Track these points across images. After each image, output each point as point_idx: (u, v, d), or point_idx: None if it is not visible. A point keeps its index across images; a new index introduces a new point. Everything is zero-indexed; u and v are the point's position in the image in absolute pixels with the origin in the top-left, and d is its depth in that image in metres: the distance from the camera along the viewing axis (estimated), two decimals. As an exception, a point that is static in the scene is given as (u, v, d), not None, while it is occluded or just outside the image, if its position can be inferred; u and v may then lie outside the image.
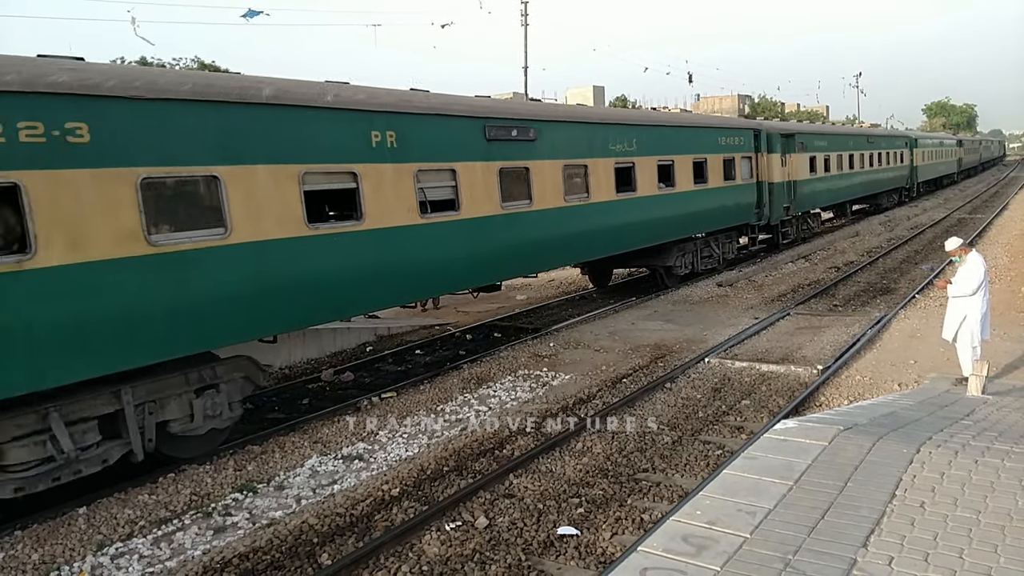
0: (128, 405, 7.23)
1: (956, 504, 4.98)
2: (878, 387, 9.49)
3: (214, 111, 7.76)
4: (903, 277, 18.18)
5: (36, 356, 6.35)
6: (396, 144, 9.76)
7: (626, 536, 6.12)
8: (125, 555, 6.15)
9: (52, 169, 6.43)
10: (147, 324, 7.13)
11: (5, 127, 6.11)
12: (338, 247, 9.01)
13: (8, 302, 6.14)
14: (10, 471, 6.45)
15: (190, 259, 7.47)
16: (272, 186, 8.26)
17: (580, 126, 14.04)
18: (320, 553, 6.12)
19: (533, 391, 10.10)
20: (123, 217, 6.92)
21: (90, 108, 6.69)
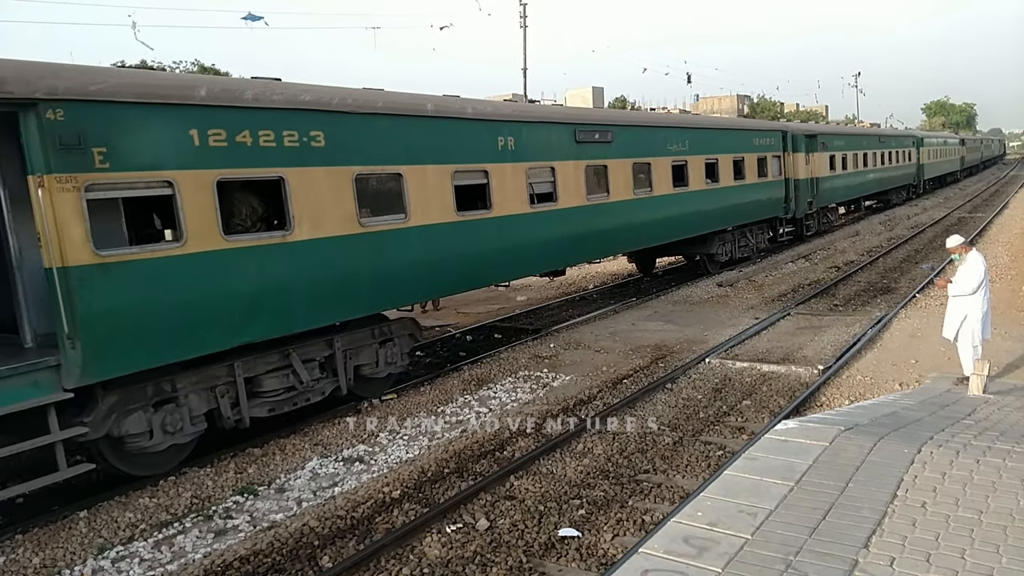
0: (338, 351, 9.38)
1: (958, 504, 4.97)
2: (879, 387, 9.48)
3: (399, 122, 9.93)
4: (903, 276, 18.17)
5: (293, 306, 8.45)
6: (514, 147, 11.94)
7: (627, 537, 6.11)
8: (126, 558, 6.14)
9: (302, 167, 8.54)
10: (356, 286, 9.28)
11: (275, 134, 8.21)
12: (476, 230, 11.24)
13: (278, 265, 8.31)
14: (264, 396, 8.62)
15: (383, 237, 9.65)
16: (436, 181, 10.45)
17: (646, 129, 16.15)
18: (321, 556, 6.11)
19: (534, 392, 10.09)
20: (344, 204, 9.02)
21: (324, 120, 8.79)
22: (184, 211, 7.35)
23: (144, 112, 7.12)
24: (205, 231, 7.57)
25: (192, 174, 7.46)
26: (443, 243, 10.46)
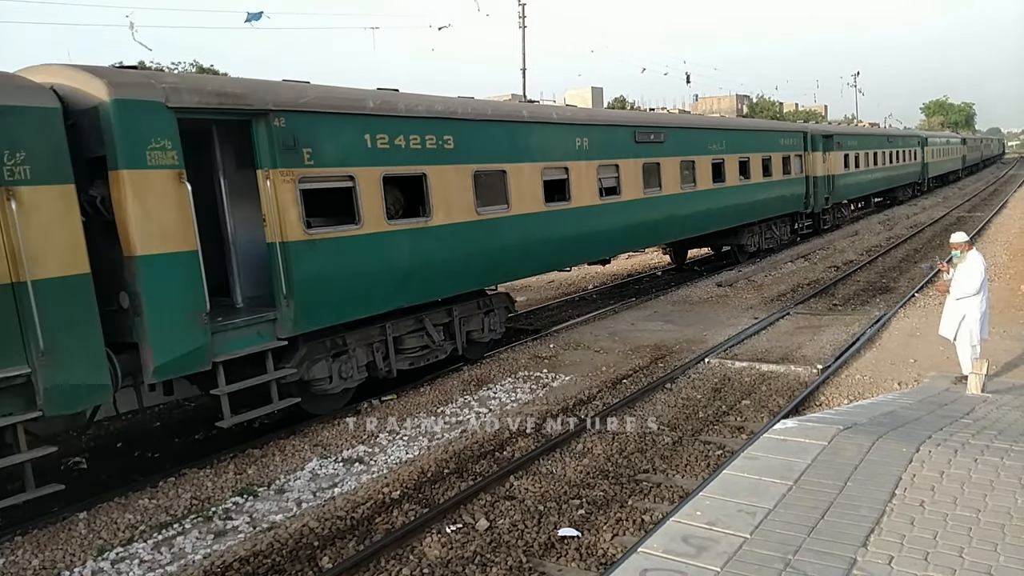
0: (456, 318, 11.31)
1: (956, 503, 4.98)
2: (878, 386, 9.49)
3: (503, 127, 11.88)
4: (902, 276, 18.19)
5: (431, 279, 10.40)
6: (588, 147, 13.71)
7: (627, 537, 6.12)
8: (126, 560, 6.15)
9: (438, 165, 10.46)
10: (473, 264, 11.17)
11: (420, 138, 10.16)
12: (559, 219, 12.99)
13: (421, 245, 10.17)
14: (406, 353, 10.51)
15: (492, 224, 11.52)
16: (530, 177, 12.30)
17: (692, 131, 18.11)
18: (321, 556, 6.12)
19: (533, 392, 10.10)
20: (466, 195, 10.94)
21: (453, 126, 10.69)
22: (361, 200, 9.32)
23: (334, 120, 9.09)
24: (375, 216, 9.51)
25: (366, 170, 9.42)
26: (534, 230, 12.46)
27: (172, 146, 7.40)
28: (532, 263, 12.93)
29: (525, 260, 12.50)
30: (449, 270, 10.69)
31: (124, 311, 7.26)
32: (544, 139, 12.73)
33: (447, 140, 10.59)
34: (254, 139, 8.29)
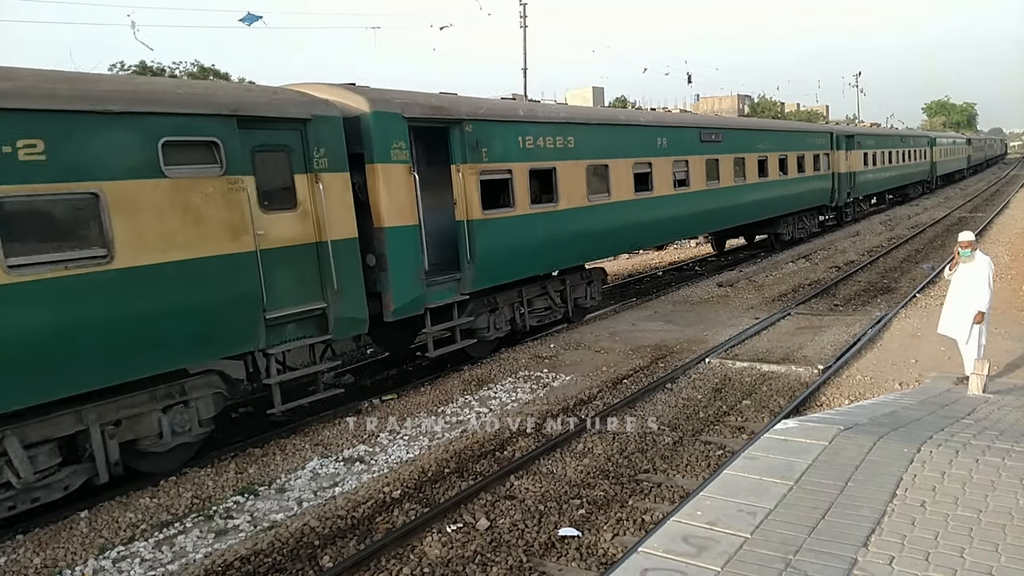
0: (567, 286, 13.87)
1: (957, 503, 4.98)
2: (879, 386, 9.48)
3: (606, 128, 14.61)
4: (904, 276, 18.18)
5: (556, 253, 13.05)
6: (667, 145, 16.35)
7: (627, 537, 6.12)
8: (127, 558, 6.16)
9: (563, 160, 13.04)
10: (585, 242, 13.75)
11: (553, 139, 12.73)
12: (645, 206, 15.60)
13: (552, 226, 12.70)
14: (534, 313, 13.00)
15: (598, 210, 13.95)
16: (624, 170, 14.82)
17: (744, 131, 21.28)
18: (321, 555, 6.12)
19: (534, 392, 10.10)
20: (580, 186, 13.48)
21: (574, 129, 13.39)
22: (515, 188, 11.91)
23: (500, 126, 11.78)
24: (523, 201, 12.09)
25: (519, 165, 12.05)
26: (626, 214, 14.82)
27: (405, 146, 10.05)
28: (623, 243, 15.82)
29: (619, 240, 15.23)
30: (568, 246, 13.36)
31: (371, 268, 9.76)
32: (635, 138, 15.48)
33: (569, 140, 13.19)
34: (450, 141, 10.93)
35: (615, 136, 14.70)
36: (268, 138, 8.41)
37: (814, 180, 25.35)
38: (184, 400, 7.82)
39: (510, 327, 12.39)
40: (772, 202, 22.04)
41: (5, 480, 6.50)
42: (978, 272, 8.73)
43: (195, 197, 7.52)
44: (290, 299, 8.53)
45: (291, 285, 8.55)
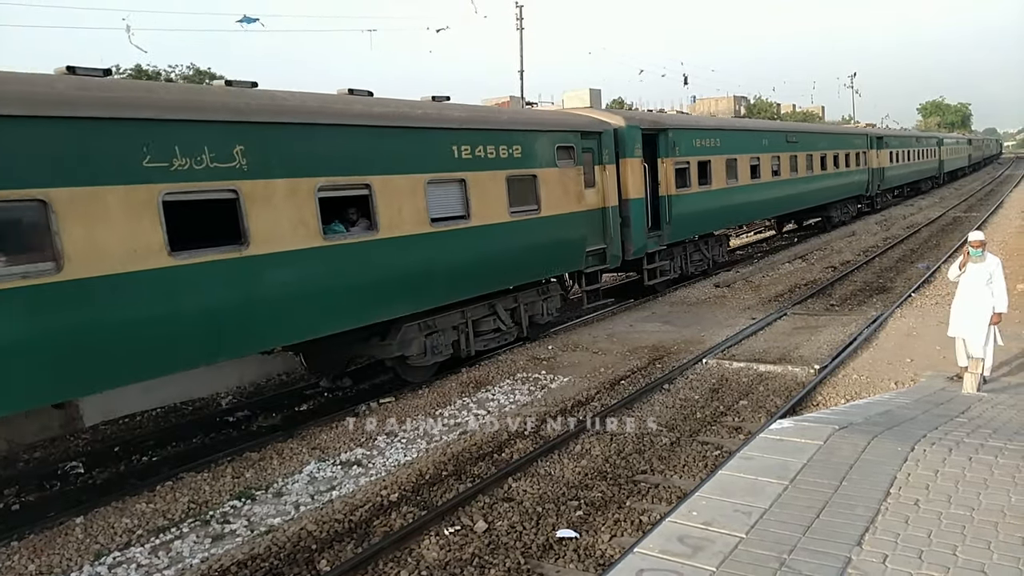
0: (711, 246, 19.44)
1: (950, 501, 5.00)
2: (874, 386, 9.51)
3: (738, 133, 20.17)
4: (899, 276, 18.23)
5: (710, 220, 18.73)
6: (767, 145, 22.10)
7: (625, 538, 6.13)
8: (123, 564, 6.15)
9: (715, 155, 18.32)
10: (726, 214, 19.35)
11: (711, 141, 18.21)
12: (756, 191, 20.92)
13: (708, 201, 18.08)
14: (694, 262, 18.63)
15: (732, 191, 19.13)
16: (744, 164, 19.96)
17: (811, 134, 27.16)
18: (319, 560, 6.12)
19: (531, 394, 10.11)
20: (722, 173, 18.69)
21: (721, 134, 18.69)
22: (691, 174, 17.28)
23: (687, 132, 17.32)
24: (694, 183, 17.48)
25: (692, 158, 17.38)
26: (743, 195, 20.16)
27: (640, 147, 15.26)
28: (745, 215, 22.24)
29: (741, 214, 21.42)
30: (717, 216, 19.12)
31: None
32: (752, 140, 21.16)
33: (717, 141, 18.71)
34: (658, 143, 16.22)
35: (739, 139, 20.31)
36: (587, 144, 13.63)
37: (856, 174, 30.86)
38: (547, 296, 13.24)
39: (680, 272, 18.02)
40: (829, 190, 27.67)
41: (496, 327, 12.15)
42: (991, 272, 8.66)
43: (565, 179, 12.97)
44: (592, 240, 13.79)
45: (593, 232, 13.80)
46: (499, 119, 12.09)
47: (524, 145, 11.93)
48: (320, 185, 8.60)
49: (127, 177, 6.85)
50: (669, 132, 16.38)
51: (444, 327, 10.93)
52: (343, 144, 8.99)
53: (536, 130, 12.42)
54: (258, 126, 8.04)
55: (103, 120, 6.72)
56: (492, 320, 11.91)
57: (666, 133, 16.29)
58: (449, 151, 10.52)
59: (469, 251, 10.85)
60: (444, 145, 10.46)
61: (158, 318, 7.12)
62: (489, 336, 11.91)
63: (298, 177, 8.39)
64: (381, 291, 9.52)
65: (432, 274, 10.22)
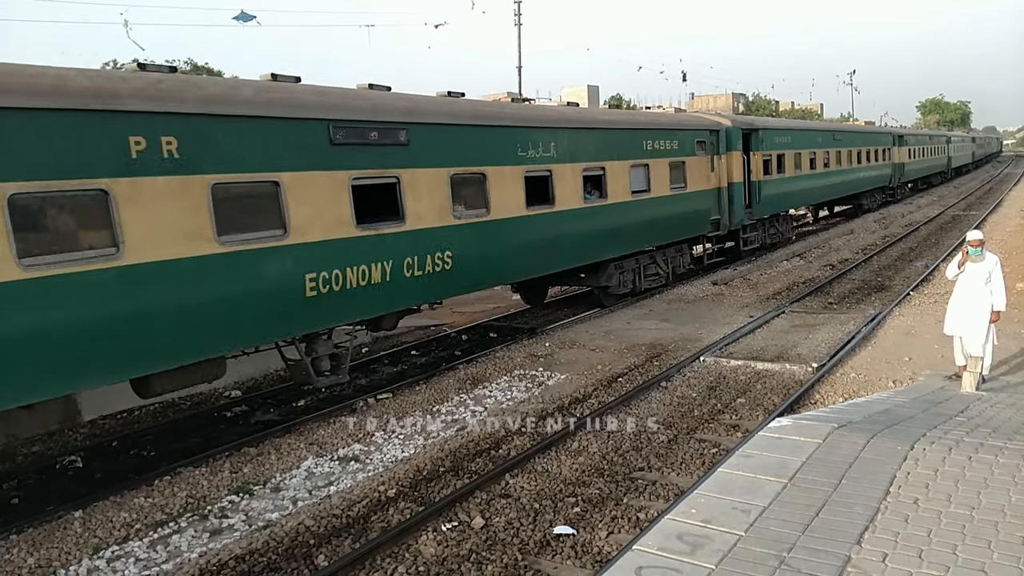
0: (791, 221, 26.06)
1: (950, 500, 5.00)
2: (873, 384, 9.52)
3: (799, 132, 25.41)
4: (898, 274, 18.24)
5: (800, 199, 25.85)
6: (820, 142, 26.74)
7: (622, 535, 6.13)
8: (121, 558, 6.14)
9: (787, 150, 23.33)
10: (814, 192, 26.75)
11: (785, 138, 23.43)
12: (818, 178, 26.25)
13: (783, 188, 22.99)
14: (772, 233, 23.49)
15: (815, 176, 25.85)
16: (806, 157, 24.90)
17: (850, 133, 32.84)
18: (317, 554, 6.12)
19: (529, 391, 10.11)
20: (806, 163, 24.97)
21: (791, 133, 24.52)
22: (773, 164, 21.88)
23: (771, 131, 21.88)
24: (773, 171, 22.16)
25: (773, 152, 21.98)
26: (808, 183, 25.27)
27: (739, 143, 19.37)
28: (806, 199, 26.95)
29: (804, 198, 26.42)
30: (789, 198, 23.94)
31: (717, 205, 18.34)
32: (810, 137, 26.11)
33: (789, 139, 23.52)
34: (751, 140, 20.26)
35: (803, 137, 25.23)
36: (709, 139, 18.09)
37: (882, 168, 35.59)
38: (682, 253, 17.79)
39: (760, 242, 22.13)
40: (863, 180, 32.59)
41: (656, 271, 16.61)
42: (990, 271, 8.65)
43: (700, 165, 17.62)
44: (713, 212, 18.25)
45: (714, 206, 18.29)
46: (666, 121, 17.56)
47: (679, 140, 16.90)
48: (585, 168, 13.59)
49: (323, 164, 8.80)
50: (759, 131, 20.83)
51: (628, 268, 15.64)
52: (601, 140, 14.26)
53: (686, 129, 17.45)
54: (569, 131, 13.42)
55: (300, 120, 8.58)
56: (653, 266, 16.70)
57: (756, 132, 20.65)
58: (641, 145, 15.48)
59: (648, 214, 15.55)
60: (639, 140, 15.43)
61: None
62: (652, 277, 16.72)
63: (577, 162, 13.44)
64: (604, 240, 14.26)
65: (628, 230, 14.88)
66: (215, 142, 7.65)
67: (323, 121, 8.76)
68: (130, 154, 6.87)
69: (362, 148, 9.30)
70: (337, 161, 8.93)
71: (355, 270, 9.07)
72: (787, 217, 25.15)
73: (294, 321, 8.59)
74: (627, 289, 15.61)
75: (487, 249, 11.31)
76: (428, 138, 10.18)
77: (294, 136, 8.47)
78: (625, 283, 15.49)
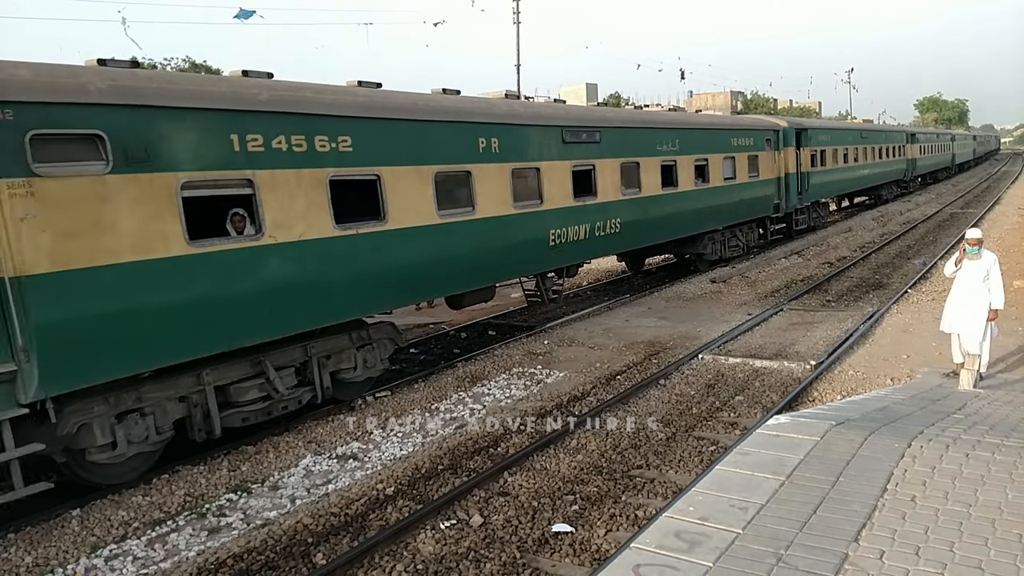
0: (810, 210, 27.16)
1: (947, 498, 5.01)
2: (871, 382, 9.53)
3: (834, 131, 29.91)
4: (896, 272, 18.25)
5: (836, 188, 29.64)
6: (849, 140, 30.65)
7: (620, 533, 6.13)
8: (119, 557, 6.14)
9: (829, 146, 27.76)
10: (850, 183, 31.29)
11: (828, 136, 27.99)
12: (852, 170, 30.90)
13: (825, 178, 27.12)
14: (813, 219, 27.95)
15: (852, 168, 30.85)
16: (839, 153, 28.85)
17: (872, 131, 35.83)
18: (315, 553, 6.12)
19: (527, 389, 10.11)
20: (829, 158, 27.52)
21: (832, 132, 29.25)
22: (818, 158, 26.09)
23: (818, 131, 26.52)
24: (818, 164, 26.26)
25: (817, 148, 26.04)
26: (844, 175, 29.27)
27: (792, 139, 23.12)
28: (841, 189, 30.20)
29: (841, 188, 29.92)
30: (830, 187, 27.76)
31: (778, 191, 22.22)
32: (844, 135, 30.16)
33: (829, 136, 27.07)
34: (801, 138, 23.79)
35: (840, 134, 29.23)
36: (773, 137, 21.97)
37: (898, 163, 39.46)
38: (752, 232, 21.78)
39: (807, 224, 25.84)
40: (884, 174, 36.69)
41: (736, 243, 20.29)
42: (987, 269, 8.66)
43: (767, 158, 21.52)
44: (775, 197, 21.93)
45: (775, 191, 21.97)
46: (746, 123, 22.08)
47: (753, 138, 21.09)
48: (696, 159, 17.64)
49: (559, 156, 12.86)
50: (807, 130, 24.94)
51: (718, 240, 19.49)
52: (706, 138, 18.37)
53: (758, 129, 21.73)
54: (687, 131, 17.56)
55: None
56: (734, 240, 20.47)
57: (806, 131, 24.67)
58: (730, 142, 19.69)
59: (734, 196, 19.64)
60: (728, 138, 19.65)
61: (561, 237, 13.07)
62: (733, 247, 20.47)
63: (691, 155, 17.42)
64: (706, 216, 18.33)
65: (721, 208, 18.99)
66: (513, 142, 11.86)
67: (558, 127, 12.86)
68: (478, 149, 11.18)
69: (578, 145, 13.36)
70: (566, 154, 13.03)
71: (573, 229, 13.20)
72: (825, 204, 29.61)
73: (541, 262, 12.87)
74: (716, 256, 19.61)
75: (640, 218, 15.29)
76: (611, 138, 14.33)
77: (546, 138, 12.56)
78: (715, 251, 19.53)
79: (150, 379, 7.55)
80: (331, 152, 8.79)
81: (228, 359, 8.10)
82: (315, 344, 9.11)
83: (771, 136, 22.05)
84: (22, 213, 6.15)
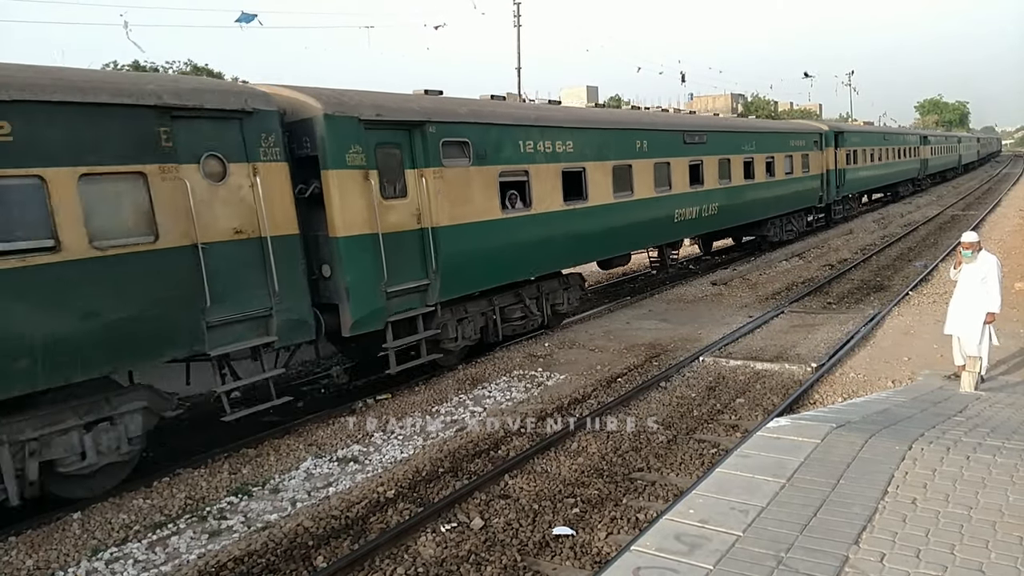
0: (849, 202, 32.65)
1: (948, 500, 5.00)
2: (871, 384, 9.52)
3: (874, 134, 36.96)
4: (897, 274, 18.24)
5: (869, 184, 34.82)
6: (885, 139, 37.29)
7: (621, 535, 6.13)
8: (120, 560, 6.14)
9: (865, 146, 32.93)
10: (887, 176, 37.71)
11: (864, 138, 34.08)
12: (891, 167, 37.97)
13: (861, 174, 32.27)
14: None
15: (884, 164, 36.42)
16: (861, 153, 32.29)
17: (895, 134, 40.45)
18: (315, 556, 6.12)
19: (528, 391, 10.10)
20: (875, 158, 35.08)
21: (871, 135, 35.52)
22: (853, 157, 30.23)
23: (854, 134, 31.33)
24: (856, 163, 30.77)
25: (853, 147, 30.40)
26: (873, 172, 33.85)
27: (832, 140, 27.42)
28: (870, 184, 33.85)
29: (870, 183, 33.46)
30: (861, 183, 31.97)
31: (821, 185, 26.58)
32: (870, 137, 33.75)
33: (860, 138, 31.38)
34: (839, 139, 27.98)
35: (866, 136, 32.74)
36: (818, 139, 26.17)
37: (913, 162, 43.10)
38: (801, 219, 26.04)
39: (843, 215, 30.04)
40: (902, 172, 40.28)
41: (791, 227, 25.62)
42: (985, 272, 8.66)
43: (815, 156, 25.68)
44: (819, 190, 26.14)
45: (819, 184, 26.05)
46: (799, 127, 26.35)
47: (804, 139, 24.85)
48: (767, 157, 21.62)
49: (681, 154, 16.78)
50: (844, 133, 28.72)
51: (778, 225, 23.37)
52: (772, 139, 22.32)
53: (808, 132, 25.63)
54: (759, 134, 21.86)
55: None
56: (789, 225, 24.29)
57: (843, 133, 28.46)
58: (789, 142, 23.57)
59: (791, 188, 23.56)
60: (788, 139, 23.64)
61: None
62: (788, 231, 24.26)
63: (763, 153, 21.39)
64: (771, 204, 22.17)
65: (782, 197, 22.89)
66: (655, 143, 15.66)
67: (680, 131, 16.87)
68: (635, 148, 14.98)
69: (694, 146, 17.28)
70: (685, 152, 16.96)
71: (689, 210, 17.11)
72: (856, 198, 33.64)
73: (668, 234, 17.11)
74: (777, 239, 23.68)
75: (730, 203, 19.16)
76: (713, 140, 18.26)
77: (674, 140, 16.52)
78: (776, 234, 23.58)
79: (474, 298, 11.53)
80: (563, 152, 12.89)
81: (503, 291, 12.04)
82: (543, 284, 13.00)
83: (817, 138, 26.16)
84: (436, 189, 10.25)
